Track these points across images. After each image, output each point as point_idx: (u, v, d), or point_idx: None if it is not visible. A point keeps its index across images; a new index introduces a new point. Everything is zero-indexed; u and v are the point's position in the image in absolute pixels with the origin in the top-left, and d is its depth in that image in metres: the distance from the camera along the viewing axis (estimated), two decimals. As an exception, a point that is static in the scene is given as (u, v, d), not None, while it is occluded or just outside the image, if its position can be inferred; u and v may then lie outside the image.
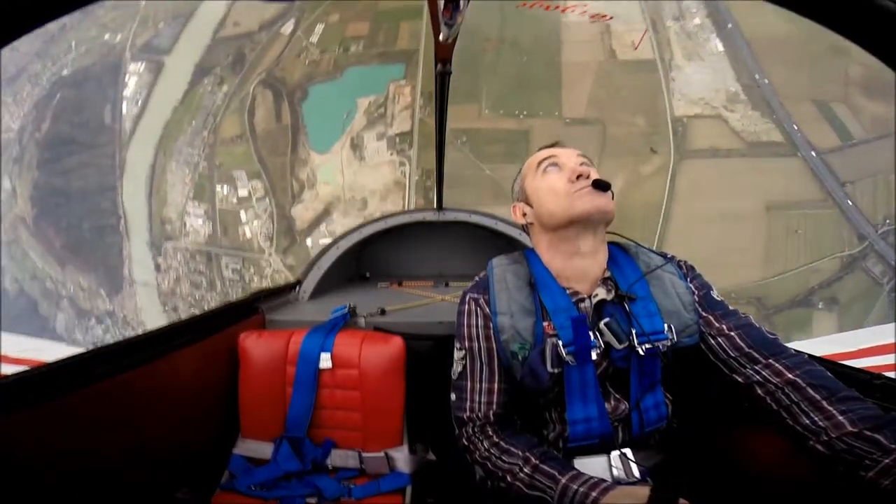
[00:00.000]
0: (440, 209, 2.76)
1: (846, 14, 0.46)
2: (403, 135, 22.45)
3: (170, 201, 25.05)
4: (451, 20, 0.93)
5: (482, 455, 1.00)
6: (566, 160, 1.07)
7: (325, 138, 23.35)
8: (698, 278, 1.11)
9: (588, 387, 0.98)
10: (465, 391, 1.06)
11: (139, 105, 26.37)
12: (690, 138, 19.72)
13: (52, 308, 26.11)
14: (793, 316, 17.54)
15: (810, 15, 0.47)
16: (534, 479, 0.89)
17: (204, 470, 1.49)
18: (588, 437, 0.99)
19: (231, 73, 25.57)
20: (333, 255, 2.52)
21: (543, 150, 1.16)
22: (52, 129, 27.28)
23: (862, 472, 0.77)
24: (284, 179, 23.45)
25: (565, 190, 1.02)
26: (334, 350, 1.53)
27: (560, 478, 0.87)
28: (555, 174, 1.06)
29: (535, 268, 1.09)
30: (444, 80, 1.47)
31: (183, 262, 24.51)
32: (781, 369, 0.91)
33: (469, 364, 1.07)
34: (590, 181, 1.01)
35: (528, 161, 1.18)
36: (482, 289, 1.11)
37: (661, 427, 1.05)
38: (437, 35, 1.06)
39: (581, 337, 0.96)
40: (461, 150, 20.71)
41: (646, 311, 1.01)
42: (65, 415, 1.06)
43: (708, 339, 1.01)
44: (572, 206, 1.00)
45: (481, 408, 1.04)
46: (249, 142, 24.26)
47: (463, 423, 1.06)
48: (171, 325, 1.44)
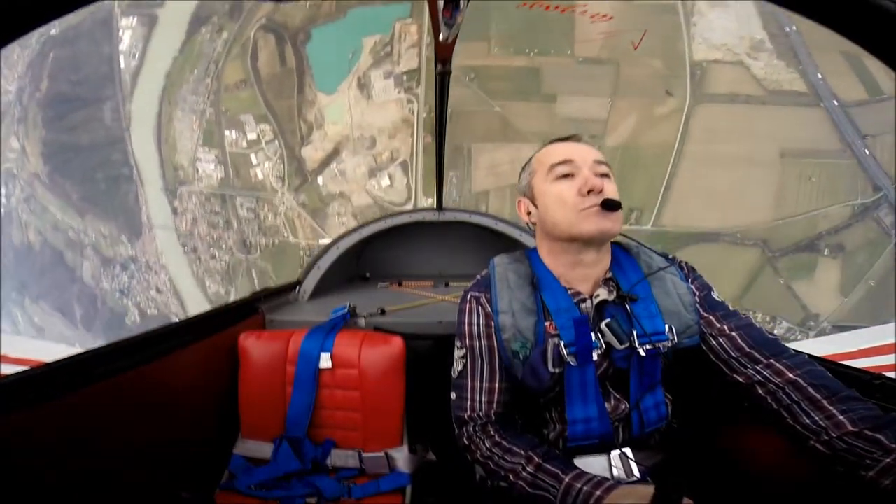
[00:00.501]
0: (440, 209, 2.74)
1: (846, 14, 0.46)
2: (411, 73, 22.01)
3: (180, 148, 25.07)
4: (451, 20, 0.93)
5: (483, 455, 0.99)
6: (581, 165, 1.01)
7: (331, 79, 23.05)
8: (699, 279, 1.11)
9: (588, 387, 0.98)
10: (465, 390, 1.06)
11: (137, 58, 26.09)
12: (709, 83, 19.05)
13: (77, 257, 26.89)
14: (797, 260, 17.34)
15: (810, 15, 0.47)
16: (536, 478, 0.89)
17: (204, 470, 1.50)
18: (588, 436, 0.99)
19: (230, 20, 25.08)
20: (333, 255, 2.52)
21: (558, 144, 1.09)
22: (52, 87, 27.11)
23: (862, 471, 0.76)
24: (292, 121, 23.34)
25: (573, 203, 0.98)
26: (334, 350, 1.53)
27: (563, 476, 0.86)
28: (566, 182, 1.01)
29: (536, 268, 1.09)
30: (444, 80, 1.46)
31: (198, 203, 24.73)
32: (782, 369, 0.91)
33: (469, 363, 1.06)
34: (601, 198, 0.96)
35: (540, 154, 1.11)
36: (484, 287, 1.10)
37: (661, 427, 1.05)
38: (437, 35, 1.05)
39: (583, 337, 0.96)
40: (469, 86, 20.14)
41: (647, 311, 1.01)
42: (65, 415, 1.06)
43: (709, 339, 1.01)
44: (578, 224, 0.98)
45: (482, 407, 1.04)
46: (254, 86, 24.02)
47: (463, 423, 1.05)
48: (171, 325, 1.44)
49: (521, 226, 2.66)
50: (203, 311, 1.65)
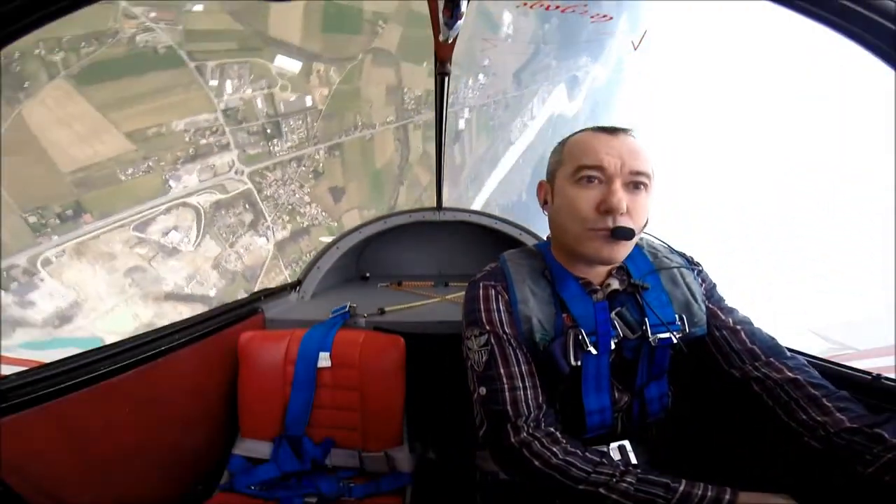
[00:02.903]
0: (440, 209, 2.74)
1: (846, 14, 0.46)
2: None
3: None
4: (451, 20, 0.92)
5: (551, 463, 0.83)
6: (613, 175, 0.89)
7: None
8: (704, 272, 1.11)
9: (602, 377, 0.97)
10: (498, 380, 0.92)
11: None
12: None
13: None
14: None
15: (810, 15, 0.47)
16: (640, 489, 0.78)
17: (203, 470, 1.50)
18: (603, 426, 0.99)
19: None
20: (333, 255, 2.52)
21: (598, 136, 0.94)
22: None
23: (861, 467, 0.75)
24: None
25: (584, 218, 0.91)
26: (334, 349, 1.52)
27: (675, 485, 0.78)
28: (587, 190, 0.91)
29: (549, 260, 1.06)
30: (443, 81, 1.46)
31: None
32: (782, 368, 0.91)
33: (497, 349, 0.95)
34: (614, 224, 0.88)
35: (574, 144, 0.97)
36: (498, 277, 1.04)
37: (662, 418, 1.05)
38: (436, 35, 1.04)
39: (603, 325, 0.95)
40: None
41: (658, 301, 1.00)
42: (65, 415, 1.06)
43: (713, 331, 1.01)
44: (582, 242, 0.92)
45: (530, 400, 0.91)
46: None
47: (504, 420, 0.89)
48: (171, 325, 1.44)
49: (522, 225, 2.66)
50: (203, 311, 1.65)
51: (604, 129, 0.95)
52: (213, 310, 1.67)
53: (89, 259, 14.50)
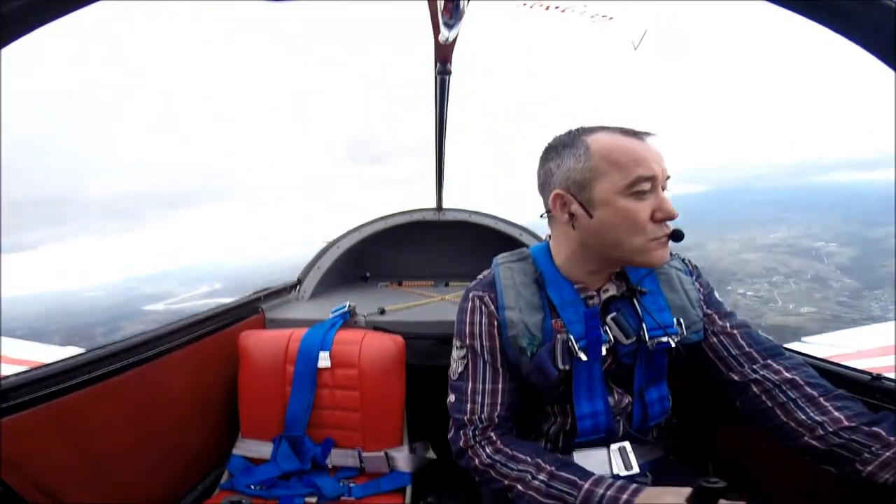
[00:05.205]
0: (440, 209, 2.75)
1: (846, 14, 0.46)
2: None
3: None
4: (451, 20, 0.91)
5: (483, 462, 0.94)
6: (660, 180, 0.89)
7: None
8: (702, 277, 1.10)
9: (595, 382, 0.98)
10: (464, 392, 1.01)
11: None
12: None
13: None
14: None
15: (810, 14, 0.47)
16: (551, 486, 0.85)
17: (204, 469, 1.50)
18: (595, 431, 0.99)
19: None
20: (333, 254, 2.54)
21: (635, 144, 0.89)
22: None
23: (859, 465, 0.76)
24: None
25: (645, 228, 0.88)
26: (334, 349, 1.52)
27: (582, 483, 0.82)
28: (646, 201, 0.88)
29: (542, 266, 1.05)
30: (443, 81, 1.46)
31: None
32: (780, 369, 0.91)
33: (470, 363, 1.03)
34: (670, 230, 0.90)
35: (608, 149, 0.88)
36: (487, 286, 1.06)
37: (661, 422, 1.06)
38: (437, 36, 1.04)
39: (593, 331, 0.95)
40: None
41: (656, 305, 1.00)
42: (65, 414, 1.06)
43: (710, 336, 1.01)
44: (646, 253, 0.89)
45: (483, 410, 1.00)
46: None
47: (461, 426, 1.00)
48: (171, 325, 1.44)
49: (521, 225, 2.67)
50: (204, 311, 1.65)
51: (635, 134, 0.91)
52: (213, 309, 1.67)
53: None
